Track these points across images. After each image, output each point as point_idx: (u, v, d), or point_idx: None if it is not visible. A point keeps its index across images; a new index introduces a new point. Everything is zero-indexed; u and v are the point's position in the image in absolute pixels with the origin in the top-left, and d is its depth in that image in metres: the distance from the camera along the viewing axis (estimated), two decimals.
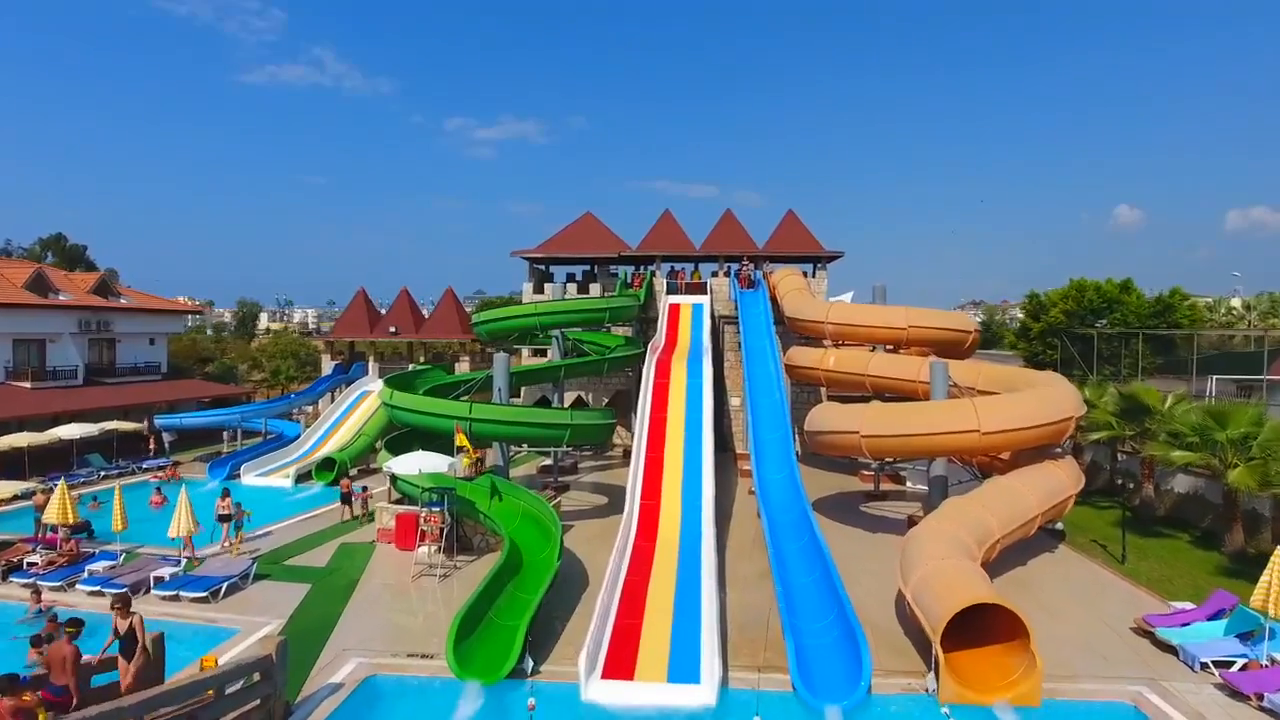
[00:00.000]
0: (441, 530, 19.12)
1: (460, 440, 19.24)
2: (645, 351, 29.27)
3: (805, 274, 36.99)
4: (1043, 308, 38.21)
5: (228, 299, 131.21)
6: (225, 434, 34.70)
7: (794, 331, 32.16)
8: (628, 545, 18.06)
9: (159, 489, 22.92)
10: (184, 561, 18.30)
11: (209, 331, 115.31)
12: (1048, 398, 19.58)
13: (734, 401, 37.54)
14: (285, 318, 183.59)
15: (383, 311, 42.62)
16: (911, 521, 22.71)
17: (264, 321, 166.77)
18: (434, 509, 19.23)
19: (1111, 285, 37.64)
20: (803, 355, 29.47)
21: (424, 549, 19.50)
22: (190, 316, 74.38)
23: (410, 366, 38.17)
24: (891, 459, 23.30)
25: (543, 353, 36.86)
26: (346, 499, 24.42)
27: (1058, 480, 19.60)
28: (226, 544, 20.57)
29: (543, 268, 42.56)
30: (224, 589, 17.01)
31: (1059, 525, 20.36)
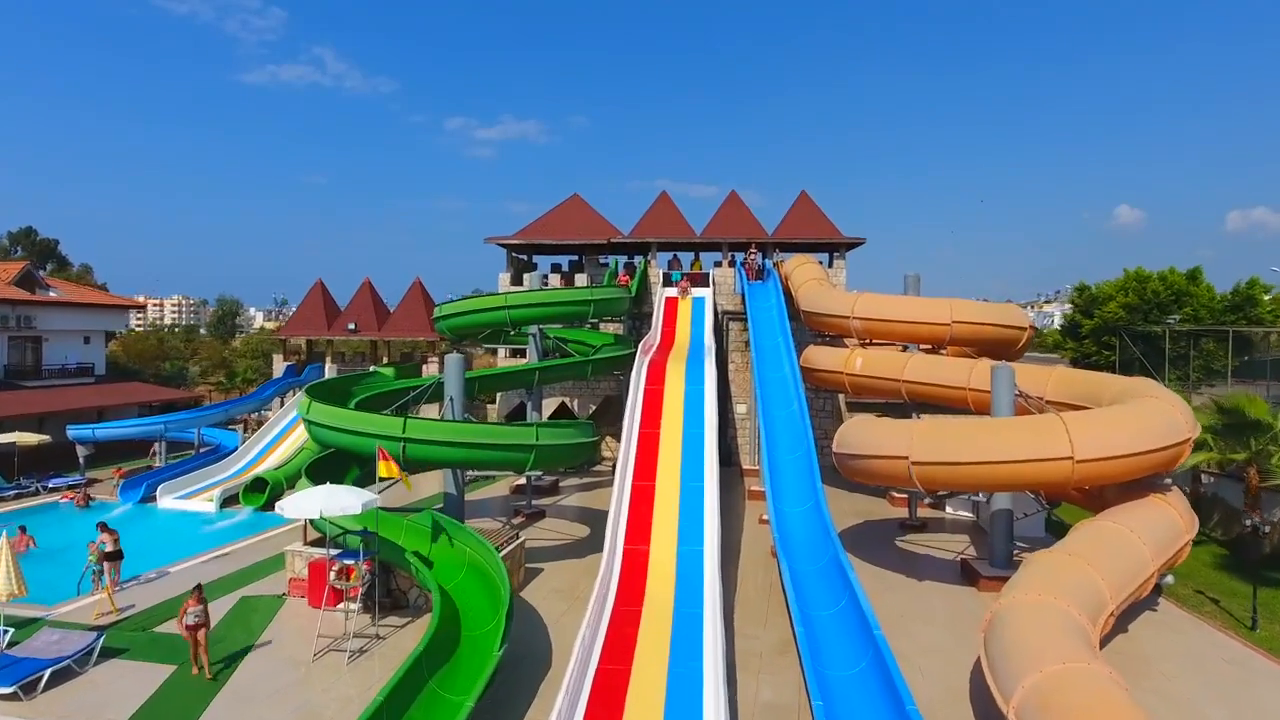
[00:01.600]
0: (361, 586, 14.49)
1: (385, 470, 14.62)
2: (635, 352, 24.67)
3: (821, 264, 32.33)
4: (1094, 302, 33.15)
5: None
6: (154, 447, 29.97)
7: (811, 328, 27.51)
8: (604, 615, 13.41)
9: (22, 528, 18.08)
10: (7, 634, 13.63)
11: (202, 331, 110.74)
12: (1157, 414, 14.92)
13: (740, 409, 32.99)
14: (280, 317, 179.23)
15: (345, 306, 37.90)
16: (966, 568, 18.10)
17: (259, 320, 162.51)
18: (348, 560, 14.61)
19: (1177, 275, 32.76)
20: (823, 356, 24.82)
21: (341, 609, 14.87)
22: (137, 312, 69.58)
23: (371, 368, 33.56)
24: (947, 492, 18.39)
25: (526, 353, 32.24)
26: None
27: (1170, 522, 14.97)
28: (108, 593, 16.08)
29: (525, 257, 37.99)
30: (46, 678, 12.38)
31: (1167, 578, 15.73)
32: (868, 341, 24.65)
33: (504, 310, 24.16)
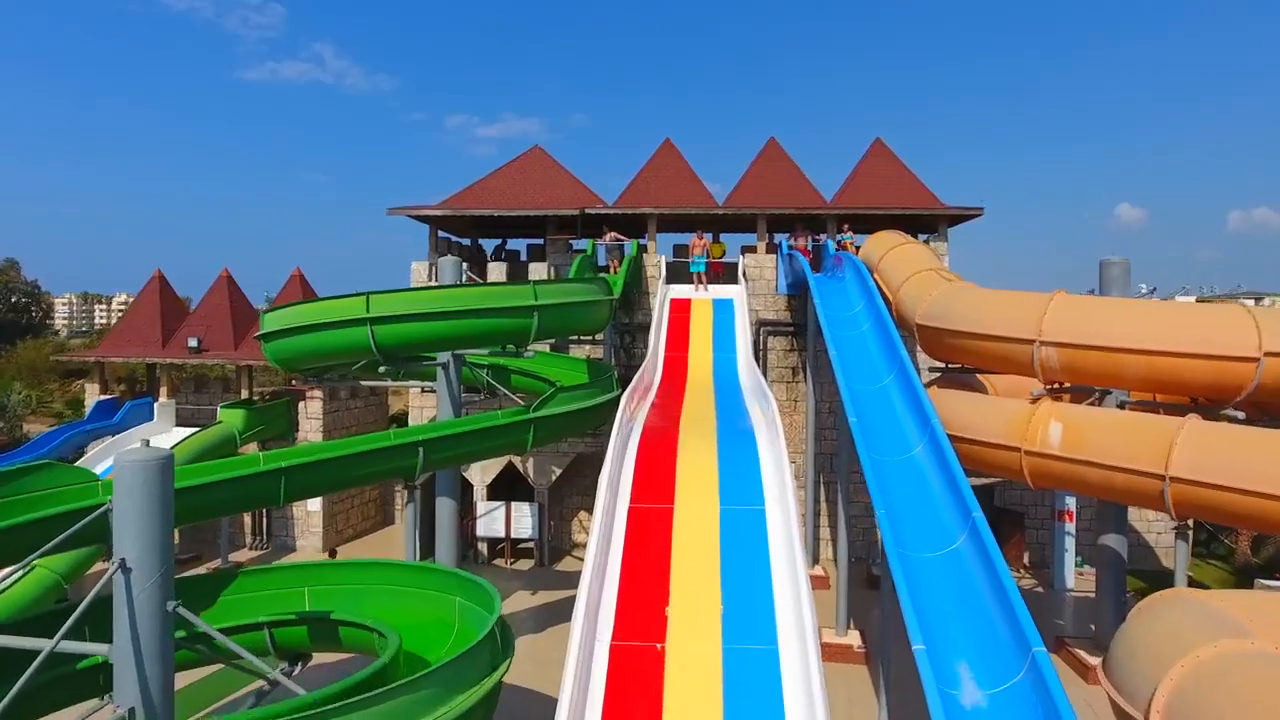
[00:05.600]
0: None
1: None
2: (616, 398, 13.00)
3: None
4: None
5: None
6: None
7: (929, 354, 15.87)
8: None
9: None
10: None
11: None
12: None
13: None
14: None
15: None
16: None
17: None
18: None
19: None
20: (971, 414, 13.16)
21: None
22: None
23: (219, 408, 21.75)
24: None
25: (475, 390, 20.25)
26: None
27: None
28: None
29: (466, 241, 26.28)
30: None
31: None
32: (1059, 385, 13.01)
33: (364, 324, 12.49)
